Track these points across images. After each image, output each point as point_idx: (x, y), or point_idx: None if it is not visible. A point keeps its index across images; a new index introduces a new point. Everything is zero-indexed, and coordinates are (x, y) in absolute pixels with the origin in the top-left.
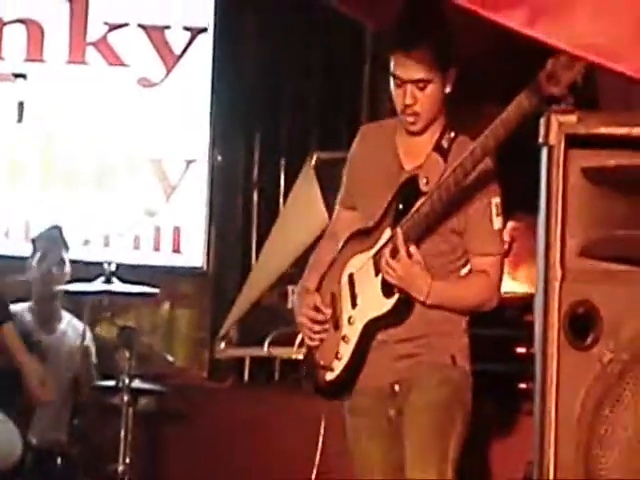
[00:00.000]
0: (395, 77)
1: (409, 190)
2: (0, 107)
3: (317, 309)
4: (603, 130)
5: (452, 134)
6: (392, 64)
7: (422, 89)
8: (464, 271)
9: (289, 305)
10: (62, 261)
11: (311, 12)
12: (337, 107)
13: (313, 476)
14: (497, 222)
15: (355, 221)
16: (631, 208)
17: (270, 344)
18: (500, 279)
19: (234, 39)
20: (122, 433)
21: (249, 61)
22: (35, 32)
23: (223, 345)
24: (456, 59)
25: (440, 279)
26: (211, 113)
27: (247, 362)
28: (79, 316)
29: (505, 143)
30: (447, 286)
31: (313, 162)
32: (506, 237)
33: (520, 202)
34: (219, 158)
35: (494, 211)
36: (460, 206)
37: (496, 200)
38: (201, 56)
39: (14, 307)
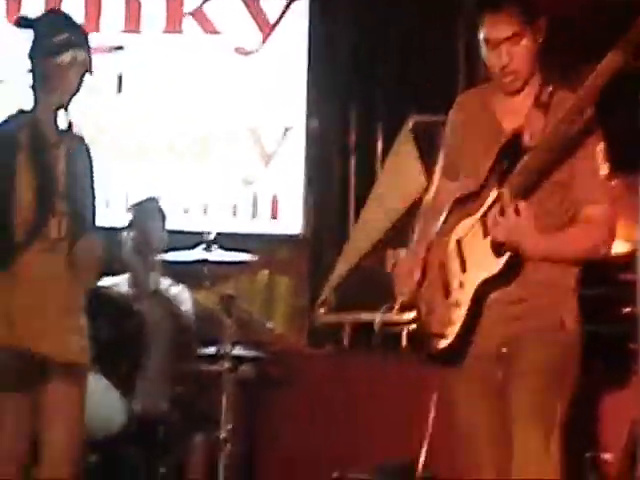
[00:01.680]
0: (488, 41)
1: (513, 148)
2: (99, 79)
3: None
4: None
5: (550, 88)
6: (482, 29)
7: (516, 44)
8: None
9: (388, 269)
10: (159, 231)
11: None
12: (434, 70)
13: (425, 444)
14: (603, 168)
15: (457, 190)
16: None
17: (371, 309)
18: (611, 226)
19: (330, 4)
20: (223, 400)
21: (345, 27)
22: (133, 4)
23: (322, 311)
24: (545, 7)
25: (548, 233)
26: (307, 79)
27: (346, 328)
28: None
29: (602, 98)
30: (556, 238)
31: (410, 126)
32: None
33: (619, 159)
34: (316, 124)
35: (599, 157)
36: (564, 157)
37: (600, 146)
38: (297, 23)
39: (113, 279)
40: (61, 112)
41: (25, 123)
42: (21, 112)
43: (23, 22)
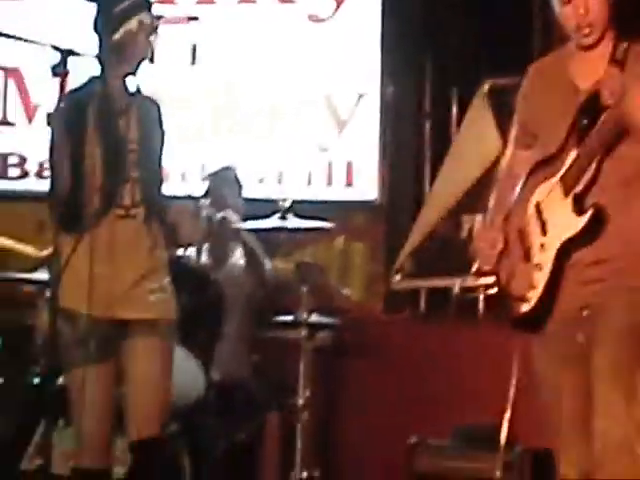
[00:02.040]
0: None
1: (591, 107)
2: (174, 50)
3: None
4: None
5: (625, 44)
6: None
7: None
8: None
9: (463, 235)
10: (235, 199)
11: None
12: (508, 34)
13: (508, 410)
14: None
15: (533, 157)
16: None
17: (447, 274)
18: None
19: None
20: (300, 367)
21: None
22: None
23: (398, 277)
24: None
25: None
26: (381, 45)
27: (422, 294)
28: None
29: None
30: None
31: (486, 89)
32: None
33: None
34: (390, 90)
35: None
36: None
37: None
38: None
39: (190, 250)
40: (130, 78)
41: (95, 91)
42: (92, 79)
43: None
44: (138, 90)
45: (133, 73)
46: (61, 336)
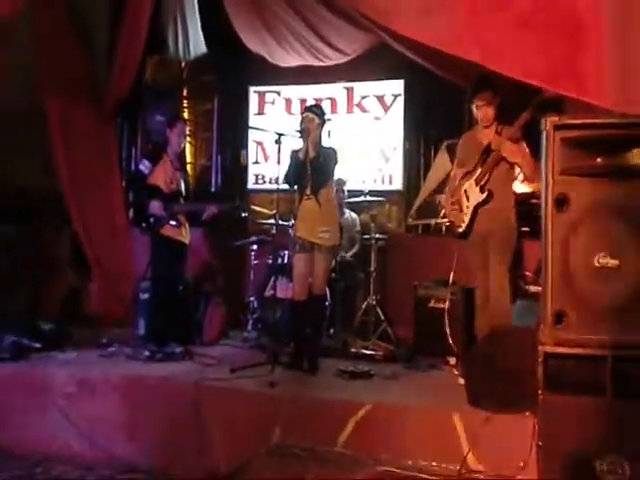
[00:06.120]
0: (477, 106)
1: (486, 151)
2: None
3: (452, 203)
4: (569, 121)
5: (501, 126)
6: (474, 101)
7: (488, 107)
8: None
9: (436, 202)
10: (345, 193)
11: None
12: (456, 119)
13: (452, 271)
14: (527, 153)
15: (463, 171)
16: (581, 153)
17: (429, 218)
18: (533, 170)
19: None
20: (372, 255)
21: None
22: (333, 101)
23: (410, 219)
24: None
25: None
26: (403, 126)
27: (420, 225)
28: (353, 210)
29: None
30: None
31: (445, 145)
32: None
33: (532, 148)
34: (407, 145)
35: (524, 148)
36: (510, 154)
37: (524, 145)
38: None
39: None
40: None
41: (299, 150)
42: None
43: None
44: (321, 145)
45: (311, 141)
46: (295, 242)
